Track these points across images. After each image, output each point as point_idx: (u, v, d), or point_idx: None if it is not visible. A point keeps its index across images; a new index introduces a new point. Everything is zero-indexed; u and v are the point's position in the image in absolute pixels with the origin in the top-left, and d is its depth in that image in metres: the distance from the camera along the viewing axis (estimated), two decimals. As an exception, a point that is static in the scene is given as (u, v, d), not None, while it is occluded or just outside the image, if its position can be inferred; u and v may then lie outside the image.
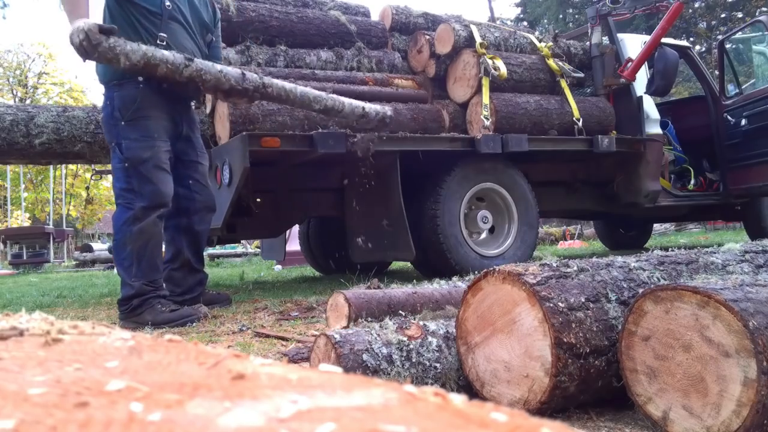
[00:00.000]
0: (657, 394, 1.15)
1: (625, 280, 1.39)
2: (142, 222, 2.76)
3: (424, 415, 0.29)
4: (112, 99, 2.81)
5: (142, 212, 2.77)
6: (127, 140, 2.78)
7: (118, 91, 2.80)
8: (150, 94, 2.82)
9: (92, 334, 0.46)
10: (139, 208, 2.76)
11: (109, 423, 0.28)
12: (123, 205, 2.80)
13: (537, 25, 24.87)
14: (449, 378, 1.41)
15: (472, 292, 1.38)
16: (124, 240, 2.78)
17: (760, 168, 4.92)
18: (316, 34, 4.33)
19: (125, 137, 2.78)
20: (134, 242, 2.76)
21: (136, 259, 2.77)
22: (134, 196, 2.77)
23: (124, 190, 2.80)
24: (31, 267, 11.27)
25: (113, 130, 2.82)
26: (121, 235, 2.79)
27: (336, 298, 1.98)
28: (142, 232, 2.76)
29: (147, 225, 2.77)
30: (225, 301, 3.35)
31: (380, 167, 4.11)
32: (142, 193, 2.77)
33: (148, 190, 2.78)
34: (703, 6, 21.49)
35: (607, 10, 4.92)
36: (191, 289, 3.19)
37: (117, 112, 2.79)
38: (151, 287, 2.80)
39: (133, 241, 2.76)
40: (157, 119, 2.86)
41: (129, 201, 2.78)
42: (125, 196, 2.79)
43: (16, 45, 32.72)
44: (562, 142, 4.48)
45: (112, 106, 2.80)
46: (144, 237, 2.77)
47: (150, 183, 2.79)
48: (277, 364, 0.39)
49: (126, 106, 2.79)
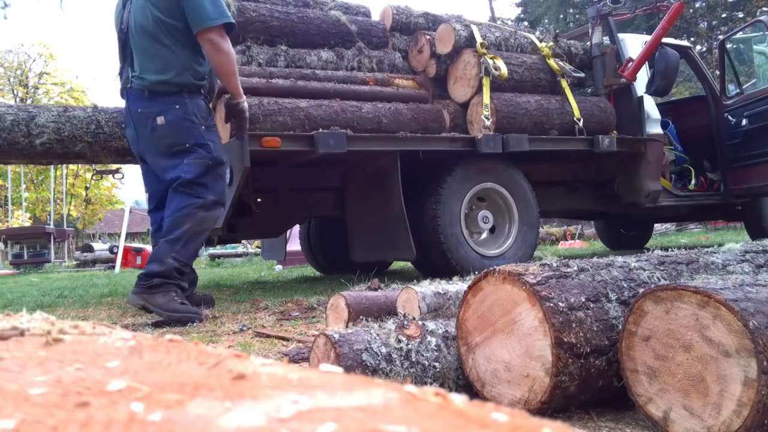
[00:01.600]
0: (657, 394, 1.15)
1: (625, 280, 1.39)
2: (208, 212, 2.99)
3: (424, 415, 0.29)
4: (184, 104, 2.97)
5: (211, 204, 2.99)
6: (212, 143, 3.03)
7: (191, 98, 3.00)
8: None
9: (93, 334, 0.46)
10: (210, 200, 2.99)
11: (110, 423, 0.28)
12: (190, 194, 2.95)
13: (538, 25, 24.85)
14: (448, 377, 1.41)
15: (473, 293, 1.38)
16: (184, 218, 2.92)
17: (761, 168, 4.92)
18: (317, 34, 4.33)
19: (210, 140, 3.02)
20: (194, 224, 2.94)
21: (186, 239, 2.92)
22: (205, 191, 2.97)
23: (196, 184, 2.96)
24: (32, 267, 11.27)
25: (190, 132, 2.98)
26: (182, 214, 2.92)
27: (337, 300, 1.98)
28: (205, 219, 2.98)
29: (210, 216, 3.01)
30: (210, 302, 3.33)
31: (381, 167, 4.11)
32: (214, 190, 3.02)
33: (220, 189, 3.07)
34: (703, 6, 21.48)
35: (607, 10, 4.92)
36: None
37: (194, 117, 2.98)
38: (179, 273, 2.91)
39: (194, 223, 2.94)
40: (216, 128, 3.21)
41: (199, 193, 2.97)
42: (195, 189, 2.96)
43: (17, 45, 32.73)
44: (562, 142, 4.48)
45: (185, 111, 2.97)
46: (204, 225, 2.99)
47: (223, 182, 3.11)
48: (278, 364, 0.39)
49: (203, 114, 3.04)
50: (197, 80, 3.03)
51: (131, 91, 3.03)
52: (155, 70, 2.96)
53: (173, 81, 2.96)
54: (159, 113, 2.95)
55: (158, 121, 2.94)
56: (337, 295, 1.99)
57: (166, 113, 2.95)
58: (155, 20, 2.93)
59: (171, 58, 2.96)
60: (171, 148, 2.97)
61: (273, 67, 4.06)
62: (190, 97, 3.00)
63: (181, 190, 2.95)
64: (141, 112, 2.99)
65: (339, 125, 3.82)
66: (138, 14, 2.98)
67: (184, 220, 2.92)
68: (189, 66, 2.99)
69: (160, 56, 2.96)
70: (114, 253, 10.48)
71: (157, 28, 2.93)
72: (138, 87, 2.99)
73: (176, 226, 2.92)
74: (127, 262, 9.85)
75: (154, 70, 2.96)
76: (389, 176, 3.99)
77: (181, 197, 2.96)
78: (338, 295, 1.98)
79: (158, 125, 2.95)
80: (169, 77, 2.96)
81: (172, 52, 2.96)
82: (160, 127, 2.95)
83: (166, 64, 2.96)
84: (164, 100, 2.96)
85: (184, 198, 2.95)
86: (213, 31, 2.89)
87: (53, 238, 12.20)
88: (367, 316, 1.85)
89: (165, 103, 2.96)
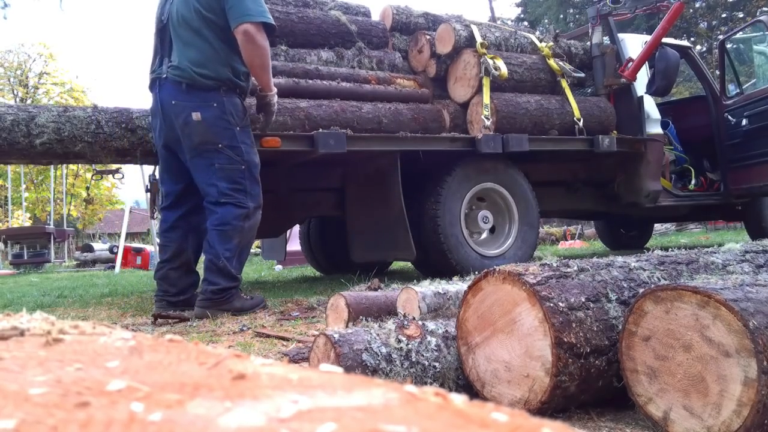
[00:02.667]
0: (657, 394, 1.15)
1: (625, 280, 1.39)
2: (251, 220, 3.00)
3: (424, 415, 0.29)
4: (221, 103, 2.93)
5: (254, 211, 3.01)
6: (244, 145, 2.99)
7: (228, 97, 2.96)
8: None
9: (93, 334, 0.46)
10: (252, 208, 3.00)
11: (110, 423, 0.28)
12: (233, 204, 2.95)
13: (538, 25, 24.85)
14: (448, 377, 1.41)
15: (473, 293, 1.38)
16: (232, 233, 2.95)
17: (761, 168, 4.92)
18: (317, 33, 4.33)
19: (242, 142, 2.98)
20: (243, 238, 2.98)
21: (238, 252, 2.98)
22: (245, 197, 2.97)
23: (234, 190, 2.95)
24: (32, 267, 11.27)
25: (225, 132, 2.94)
26: (230, 228, 2.94)
27: (337, 300, 1.98)
28: (251, 229, 3.02)
29: (255, 223, 3.04)
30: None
31: (381, 167, 4.11)
32: (252, 194, 3.00)
33: (257, 192, 3.04)
34: (703, 6, 21.48)
35: (607, 10, 4.92)
36: (185, 290, 3.18)
37: (230, 117, 2.94)
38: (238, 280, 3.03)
39: (242, 237, 2.97)
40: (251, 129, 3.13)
41: (239, 200, 2.96)
42: (235, 196, 2.95)
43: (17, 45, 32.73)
44: (562, 142, 4.48)
45: (222, 110, 2.93)
46: (251, 234, 3.05)
47: (259, 186, 3.05)
48: (278, 364, 0.39)
49: (239, 114, 2.99)
50: (235, 77, 2.99)
51: (165, 82, 2.99)
52: (195, 61, 2.93)
53: (212, 75, 2.92)
54: (195, 108, 2.91)
55: (194, 117, 2.90)
56: (337, 295, 1.99)
57: (203, 110, 2.91)
58: (197, 13, 2.91)
59: (211, 52, 2.93)
60: (203, 146, 2.93)
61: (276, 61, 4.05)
62: (228, 95, 2.96)
63: (223, 201, 2.95)
64: (175, 104, 2.94)
65: (339, 125, 3.82)
66: (181, 6, 2.96)
67: (233, 235, 2.95)
68: (228, 62, 2.96)
69: (200, 49, 2.93)
70: (114, 253, 10.48)
71: (200, 22, 2.92)
72: (174, 78, 2.95)
73: (225, 240, 2.94)
74: (127, 262, 9.85)
75: (194, 62, 2.93)
76: (389, 176, 3.99)
77: (224, 209, 2.95)
78: (338, 295, 1.98)
79: (193, 121, 2.91)
80: (208, 70, 2.92)
81: (212, 46, 2.93)
82: (196, 123, 2.91)
83: (205, 57, 2.93)
84: (202, 96, 2.92)
85: (229, 210, 2.95)
86: (251, 25, 2.87)
87: (53, 238, 12.19)
88: (367, 316, 1.85)
89: (202, 99, 2.92)
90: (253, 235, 3.09)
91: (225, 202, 2.95)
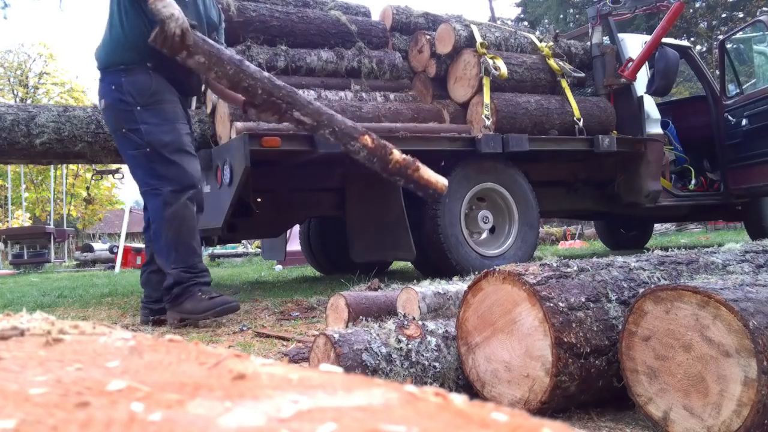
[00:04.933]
0: (657, 394, 1.15)
1: (625, 280, 1.39)
2: (173, 206, 2.69)
3: (425, 415, 0.29)
4: (119, 84, 2.72)
5: (171, 196, 2.69)
6: (146, 125, 2.70)
7: (127, 76, 2.72)
8: (161, 80, 2.76)
9: (93, 334, 0.46)
10: (168, 192, 2.69)
11: (110, 423, 0.28)
12: (150, 193, 2.74)
13: (537, 25, 24.85)
14: (448, 377, 1.41)
15: (473, 293, 1.38)
16: (159, 228, 2.72)
17: (761, 168, 4.92)
18: (317, 34, 4.33)
19: (143, 122, 2.70)
20: (168, 228, 2.70)
21: (174, 245, 2.71)
22: (160, 182, 2.70)
23: (148, 177, 2.72)
24: (32, 267, 11.27)
25: (125, 116, 2.72)
26: (157, 224, 2.73)
27: (337, 300, 1.98)
28: (174, 216, 2.69)
29: (178, 208, 2.69)
30: None
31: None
32: (168, 177, 2.70)
33: (174, 172, 2.71)
34: (703, 6, 21.47)
35: (607, 9, 4.92)
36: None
37: (129, 98, 2.70)
38: (191, 273, 2.72)
39: (167, 227, 2.69)
40: (174, 103, 2.80)
41: (155, 187, 2.71)
42: (150, 183, 2.72)
43: (17, 45, 32.74)
44: (562, 141, 4.48)
45: (121, 92, 2.72)
46: (177, 221, 2.70)
47: (174, 165, 2.71)
48: (278, 364, 0.39)
49: (141, 92, 2.71)
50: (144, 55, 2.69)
51: None
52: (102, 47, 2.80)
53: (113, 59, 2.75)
54: (102, 96, 2.80)
55: (101, 105, 2.81)
56: (337, 295, 1.99)
57: (107, 96, 2.77)
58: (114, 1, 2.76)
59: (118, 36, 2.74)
60: (115, 134, 2.80)
61: (275, 63, 4.05)
62: (129, 74, 2.72)
63: (143, 191, 2.77)
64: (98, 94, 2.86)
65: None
66: None
67: (160, 230, 2.72)
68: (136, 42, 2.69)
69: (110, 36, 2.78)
70: (114, 253, 10.49)
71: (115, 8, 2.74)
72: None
73: (157, 238, 2.75)
74: (127, 262, 9.85)
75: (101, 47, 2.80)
76: (389, 176, 3.99)
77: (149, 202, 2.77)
78: (338, 295, 1.98)
79: (102, 109, 2.83)
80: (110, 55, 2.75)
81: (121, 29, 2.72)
82: (103, 111, 2.83)
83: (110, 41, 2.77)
84: (107, 80, 2.78)
85: (151, 201, 2.75)
86: None
87: (53, 238, 12.20)
88: (367, 316, 1.85)
89: (107, 84, 2.77)
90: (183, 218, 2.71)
91: (145, 192, 2.76)
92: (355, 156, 2.51)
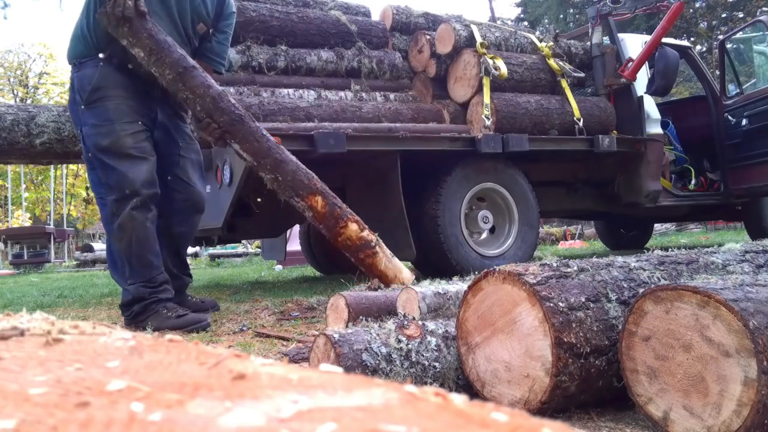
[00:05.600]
0: (657, 394, 1.15)
1: (625, 280, 1.38)
2: (120, 216, 2.44)
3: (425, 415, 0.29)
4: (73, 80, 2.53)
5: (115, 206, 2.45)
6: (86, 126, 2.47)
7: (78, 71, 2.50)
8: (110, 73, 2.48)
9: (93, 334, 0.46)
10: (111, 202, 2.46)
11: (110, 423, 0.28)
12: (99, 202, 2.54)
13: (537, 25, 24.86)
14: (448, 378, 1.41)
15: (473, 293, 1.38)
16: (110, 242, 2.53)
17: (761, 168, 4.92)
18: (317, 34, 4.33)
19: (84, 123, 2.47)
20: (117, 241, 2.47)
21: (126, 259, 2.48)
22: (104, 190, 2.48)
23: (94, 184, 2.51)
24: (32, 267, 11.27)
25: (75, 116, 2.53)
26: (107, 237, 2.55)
27: (336, 300, 1.98)
28: (121, 228, 2.45)
29: (123, 220, 2.44)
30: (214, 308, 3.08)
31: (381, 167, 4.11)
32: (109, 185, 2.45)
33: (114, 180, 2.44)
34: (703, 6, 21.47)
35: (607, 9, 4.92)
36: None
37: (77, 95, 2.49)
38: (150, 288, 2.50)
39: (117, 241, 2.47)
40: (120, 100, 2.48)
41: (101, 196, 2.50)
42: (97, 191, 2.51)
43: (17, 45, 32.75)
44: (562, 141, 4.48)
45: (73, 89, 2.52)
46: (125, 233, 2.45)
47: (114, 172, 2.44)
48: (278, 364, 0.39)
49: (84, 88, 2.46)
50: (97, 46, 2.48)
51: None
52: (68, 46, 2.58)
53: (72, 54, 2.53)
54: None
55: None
56: (337, 295, 1.99)
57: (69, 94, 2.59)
58: None
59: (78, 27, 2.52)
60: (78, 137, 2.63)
61: (274, 64, 4.05)
62: (80, 68, 2.50)
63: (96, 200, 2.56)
64: None
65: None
66: None
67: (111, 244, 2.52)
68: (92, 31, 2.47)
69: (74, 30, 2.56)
70: (114, 253, 10.46)
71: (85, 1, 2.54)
72: None
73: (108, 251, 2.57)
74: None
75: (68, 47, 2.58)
76: (389, 176, 3.99)
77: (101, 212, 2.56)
78: (338, 295, 1.98)
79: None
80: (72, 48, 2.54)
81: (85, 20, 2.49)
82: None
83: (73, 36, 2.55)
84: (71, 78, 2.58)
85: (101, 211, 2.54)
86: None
87: (53, 238, 12.20)
88: (367, 316, 1.85)
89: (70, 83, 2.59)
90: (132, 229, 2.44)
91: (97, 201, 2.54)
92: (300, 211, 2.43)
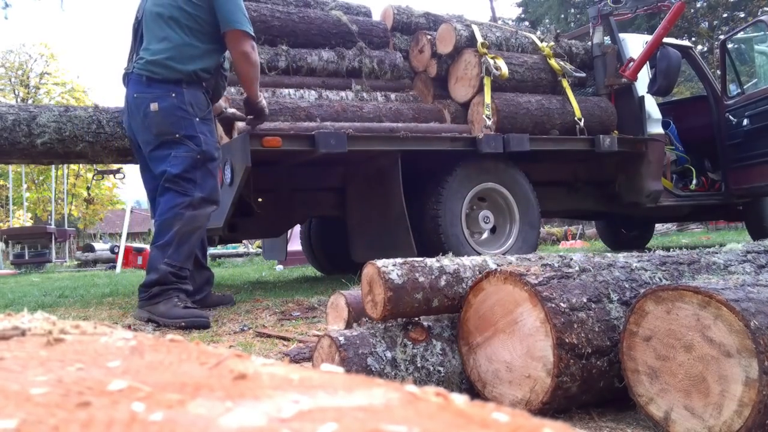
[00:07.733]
0: (659, 395, 1.15)
1: (626, 281, 1.38)
2: (197, 210, 2.84)
3: (425, 415, 0.29)
4: (180, 93, 2.86)
5: (199, 202, 2.84)
6: (203, 135, 2.88)
7: (189, 89, 2.89)
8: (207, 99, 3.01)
9: (94, 334, 0.46)
10: (198, 198, 2.83)
11: (111, 423, 0.28)
12: (176, 191, 2.83)
13: (538, 25, 24.84)
14: (452, 381, 1.41)
15: (474, 293, 1.38)
16: (171, 220, 2.79)
17: (762, 168, 4.92)
18: (318, 34, 4.33)
19: (202, 132, 2.88)
20: (183, 225, 2.80)
21: (178, 241, 2.79)
22: (193, 187, 2.83)
23: (183, 179, 2.82)
24: (33, 267, 11.28)
25: (182, 122, 2.86)
26: (170, 215, 2.80)
27: (337, 299, 1.98)
28: (194, 218, 2.83)
29: (200, 215, 2.85)
30: (229, 302, 3.36)
31: (381, 167, 4.11)
32: (203, 186, 2.86)
33: (210, 185, 2.90)
34: (705, 6, 21.45)
35: (608, 9, 4.92)
36: (200, 288, 3.19)
37: (189, 107, 2.86)
38: (176, 278, 2.78)
39: (182, 224, 2.80)
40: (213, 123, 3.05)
41: (186, 189, 2.83)
42: (182, 184, 2.82)
43: (18, 45, 32.77)
44: (563, 141, 4.48)
45: (182, 100, 2.86)
46: (194, 224, 2.84)
47: (213, 179, 2.93)
48: (279, 364, 0.39)
49: (200, 106, 2.91)
50: (202, 72, 2.92)
51: (131, 77, 2.94)
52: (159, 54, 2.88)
53: (174, 67, 2.86)
54: (153, 99, 2.85)
55: (152, 107, 2.84)
56: (337, 294, 1.99)
57: (161, 100, 2.84)
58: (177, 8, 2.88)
59: (178, 45, 2.87)
60: (161, 137, 2.85)
61: (275, 65, 4.05)
62: (189, 87, 2.89)
63: (167, 186, 2.83)
64: (136, 97, 2.89)
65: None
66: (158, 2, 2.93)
67: (172, 223, 2.79)
68: (199, 57, 2.90)
69: (167, 42, 2.88)
70: (115, 253, 10.49)
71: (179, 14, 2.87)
72: (138, 71, 2.90)
73: (165, 229, 2.80)
74: (128, 262, 9.85)
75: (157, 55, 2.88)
76: (390, 176, 3.99)
77: (168, 196, 2.84)
78: (339, 294, 1.98)
79: (151, 111, 2.85)
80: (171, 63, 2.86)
81: (182, 40, 2.87)
82: (153, 114, 2.85)
83: (170, 50, 2.87)
84: (161, 87, 2.86)
85: (171, 197, 2.83)
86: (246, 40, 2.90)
87: (54, 238, 12.21)
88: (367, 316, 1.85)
89: (162, 90, 2.86)
90: (199, 227, 2.87)
91: (168, 188, 2.83)
92: None
